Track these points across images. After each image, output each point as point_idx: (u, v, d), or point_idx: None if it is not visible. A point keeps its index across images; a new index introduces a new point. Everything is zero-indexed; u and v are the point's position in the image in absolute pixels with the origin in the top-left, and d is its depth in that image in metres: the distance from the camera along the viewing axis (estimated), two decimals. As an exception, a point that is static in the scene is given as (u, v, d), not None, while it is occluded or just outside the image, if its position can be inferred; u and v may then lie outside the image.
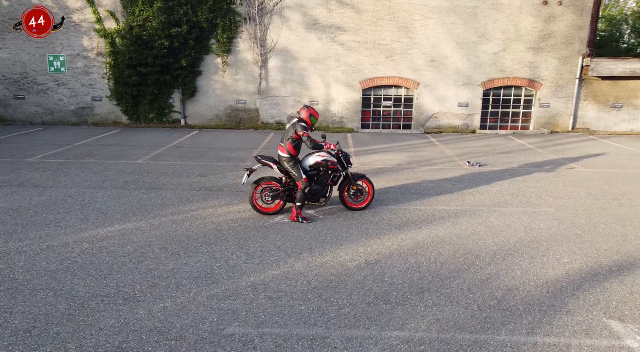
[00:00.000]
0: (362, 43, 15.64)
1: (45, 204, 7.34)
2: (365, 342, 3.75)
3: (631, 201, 7.70)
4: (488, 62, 15.67)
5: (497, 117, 16.36)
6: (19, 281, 4.80)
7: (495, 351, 3.60)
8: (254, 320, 4.11)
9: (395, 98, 16.32)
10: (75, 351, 3.67)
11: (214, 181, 8.97)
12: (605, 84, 15.76)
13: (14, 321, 4.07)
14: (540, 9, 15.22)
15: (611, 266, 5.19)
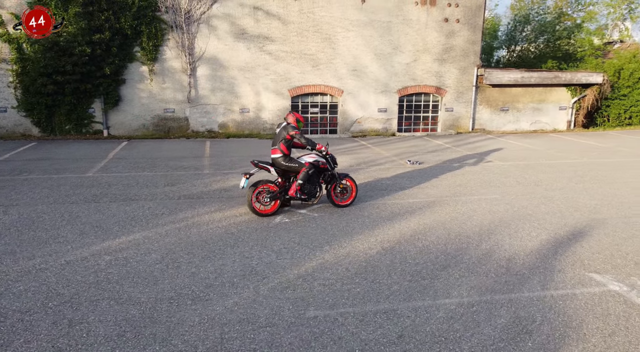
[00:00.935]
0: (289, 52, 16.38)
1: (23, 223, 6.89)
2: (429, 309, 4.53)
3: (550, 185, 9.53)
4: (402, 72, 17.43)
5: (410, 121, 18.23)
6: (68, 295, 4.72)
7: (527, 304, 4.62)
8: (324, 304, 4.65)
9: (322, 105, 17.33)
10: (187, 345, 3.90)
11: (186, 189, 9.03)
12: (495, 90, 18.49)
13: (98, 329, 4.12)
14: (442, 25, 17.38)
15: (567, 235, 6.63)
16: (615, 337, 3.98)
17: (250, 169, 7.87)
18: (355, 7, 16.46)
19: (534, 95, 18.88)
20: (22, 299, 4.65)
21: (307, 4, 16.12)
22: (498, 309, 4.47)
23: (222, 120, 16.49)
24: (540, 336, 4.01)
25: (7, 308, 4.47)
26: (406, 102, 17.96)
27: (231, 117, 16.53)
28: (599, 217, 7.33)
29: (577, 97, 19.15)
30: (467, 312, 4.42)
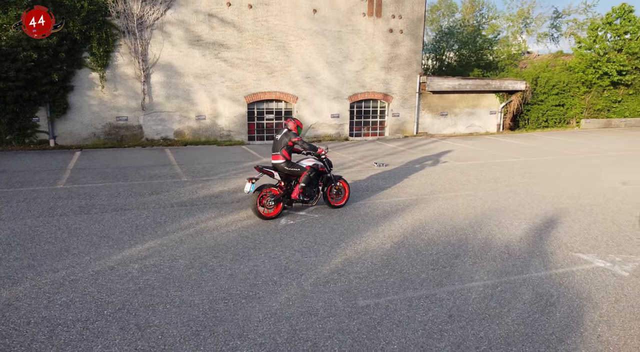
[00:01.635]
0: (245, 60, 16.54)
1: (22, 237, 6.58)
2: (463, 292, 5.13)
3: (508, 182, 10.66)
4: (352, 79, 18.25)
5: (360, 126, 19.10)
6: (119, 302, 4.73)
7: (539, 282, 5.37)
8: (369, 293, 5.08)
9: (277, 111, 17.64)
10: (265, 337, 4.14)
11: (174, 197, 8.99)
12: (436, 96, 19.93)
13: (170, 331, 4.23)
14: (388, 36, 18.47)
15: (542, 223, 7.60)
16: (620, 303, 4.83)
17: (251, 174, 8.09)
18: (308, 17, 17.00)
19: (468, 101, 20.60)
20: (72, 309, 4.60)
21: (261, 12, 16.40)
22: (518, 288, 5.18)
23: (177, 127, 16.22)
24: (562, 307, 4.75)
25: (63, 318, 4.43)
26: (356, 108, 18.80)
27: (187, 125, 16.32)
28: (560, 207, 8.45)
29: (504, 102, 21.18)
30: (495, 292, 5.08)
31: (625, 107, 23.94)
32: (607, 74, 22.42)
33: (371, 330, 4.31)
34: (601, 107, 23.64)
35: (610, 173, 11.59)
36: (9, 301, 4.77)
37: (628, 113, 24.00)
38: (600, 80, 22.73)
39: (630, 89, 23.73)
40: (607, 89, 23.32)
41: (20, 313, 4.52)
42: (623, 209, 8.31)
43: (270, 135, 17.69)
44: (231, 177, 10.91)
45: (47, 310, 4.59)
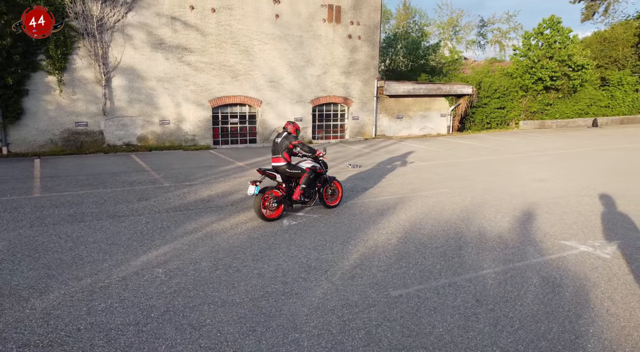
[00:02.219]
0: (209, 63, 16.44)
1: (24, 247, 6.33)
2: (479, 279, 5.65)
3: (476, 179, 11.49)
4: (314, 83, 18.65)
5: (322, 129, 19.54)
6: (161, 305, 4.77)
7: (540, 267, 6.00)
8: (396, 285, 5.47)
9: (241, 115, 17.66)
10: (320, 329, 4.38)
11: (165, 202, 8.91)
12: (392, 100, 20.81)
13: (226, 328, 4.36)
14: (347, 41, 19.06)
15: (522, 215, 8.36)
16: (613, 281, 5.56)
17: (258, 177, 8.21)
18: (270, 22, 17.20)
19: (421, 104, 21.69)
20: (116, 314, 4.60)
21: (225, 16, 16.39)
22: (525, 273, 5.79)
23: (141, 132, 15.80)
24: (568, 287, 5.40)
25: (112, 323, 4.44)
26: (318, 112, 19.22)
27: (151, 130, 15.94)
28: (531, 201, 9.32)
29: (453, 105, 22.50)
30: (506, 278, 5.65)
31: (556, 109, 26.23)
32: (541, 80, 24.48)
33: (412, 317, 4.69)
34: (536, 110, 25.73)
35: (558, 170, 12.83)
36: (46, 310, 4.67)
37: (558, 115, 26.30)
38: (535, 85, 24.76)
39: (559, 93, 26.05)
40: (540, 93, 25.44)
41: (66, 321, 4.47)
42: (583, 201, 9.31)
43: (234, 139, 17.67)
44: (213, 181, 10.91)
45: (91, 316, 4.56)
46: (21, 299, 4.90)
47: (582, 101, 26.95)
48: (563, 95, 26.16)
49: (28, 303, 4.82)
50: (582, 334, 4.36)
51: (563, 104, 26.32)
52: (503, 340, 4.25)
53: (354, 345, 4.15)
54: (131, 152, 15.16)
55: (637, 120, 29.09)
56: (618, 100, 28.56)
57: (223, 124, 17.38)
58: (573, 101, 26.62)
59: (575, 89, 25.84)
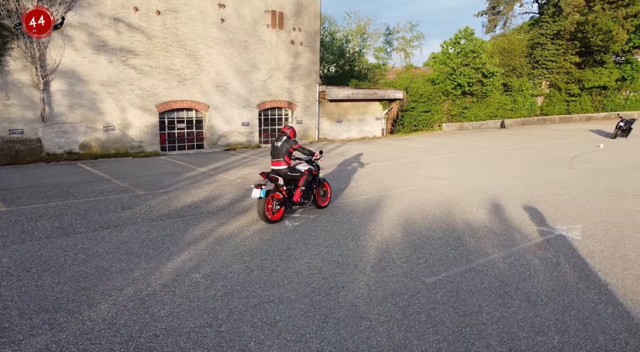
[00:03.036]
0: (155, 67, 15.90)
1: (37, 262, 5.93)
2: (490, 263, 6.38)
3: (434, 177, 12.49)
4: (260, 88, 18.77)
5: (268, 133, 19.70)
6: (221, 307, 4.85)
7: (534, 250, 6.87)
8: (426, 273, 6.00)
9: (188, 120, 17.26)
10: (385, 315, 4.78)
11: (151, 210, 8.66)
12: (333, 104, 21.55)
13: (298, 322, 4.60)
14: (290, 47, 19.45)
15: (492, 207, 9.35)
16: (596, 257, 6.58)
17: (262, 181, 8.29)
18: (216, 26, 17.06)
19: (359, 108, 22.70)
20: (183, 318, 4.64)
21: (170, 19, 15.97)
22: (525, 256, 6.65)
23: (83, 140, 14.84)
24: (564, 264, 6.33)
25: (185, 327, 4.48)
26: (264, 116, 19.35)
27: (95, 136, 15.03)
28: (493, 194, 10.43)
29: (387, 109, 23.83)
30: (512, 261, 6.45)
31: (472, 112, 28.82)
32: (460, 85, 26.78)
33: (457, 299, 5.25)
34: (455, 113, 28.08)
35: (494, 167, 14.36)
36: (107, 320, 4.55)
37: (473, 117, 28.92)
38: (454, 90, 27.02)
39: (474, 98, 28.67)
40: (459, 97, 27.81)
41: (135, 328, 4.41)
42: (534, 193, 10.61)
43: (182, 145, 17.22)
44: (187, 188, 10.72)
45: (159, 322, 4.54)
46: (73, 313, 4.70)
47: (492, 105, 29.91)
48: (477, 100, 28.83)
49: (82, 316, 4.64)
50: (597, 301, 5.23)
51: (477, 108, 29.00)
52: (541, 311, 4.96)
53: (423, 327, 4.61)
54: (75, 161, 14.20)
55: (534, 122, 32.87)
56: (519, 104, 32.09)
57: (170, 130, 16.87)
58: (485, 105, 29.44)
59: (486, 94, 28.61)
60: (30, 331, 4.34)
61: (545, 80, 35.84)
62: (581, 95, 36.62)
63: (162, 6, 15.69)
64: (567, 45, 34.91)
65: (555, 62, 35.17)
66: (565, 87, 36.09)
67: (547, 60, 35.18)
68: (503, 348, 4.20)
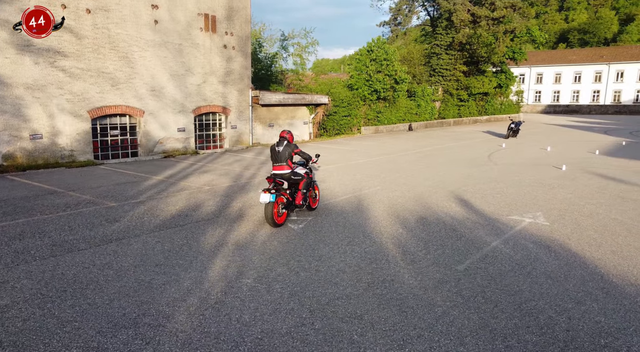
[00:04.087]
0: (86, 70, 14.73)
1: (59, 281, 5.43)
2: (497, 249, 7.20)
3: (388, 176, 13.31)
4: (195, 92, 18.24)
5: (203, 139, 19.19)
6: (300, 308, 4.98)
7: (521, 236, 7.88)
8: (451, 262, 6.62)
9: (122, 126, 16.20)
10: (449, 301, 5.30)
11: (141, 222, 8.22)
12: (264, 109, 21.63)
13: (379, 313, 4.94)
14: (223, 51, 19.19)
15: (460, 200, 10.34)
16: (571, 239, 7.75)
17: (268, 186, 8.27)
18: (149, 27, 16.28)
19: (288, 113, 23.05)
20: (271, 322, 4.71)
21: (101, 19, 14.91)
22: (519, 242, 7.61)
23: (7, 150, 13.22)
24: (555, 246, 7.38)
25: (278, 329, 4.57)
26: (198, 121, 18.82)
27: (20, 146, 13.46)
28: (450, 190, 11.53)
29: (313, 114, 24.51)
30: (512, 247, 7.36)
31: (385, 116, 30.75)
32: (376, 91, 28.46)
33: (496, 282, 5.93)
34: (372, 117, 29.74)
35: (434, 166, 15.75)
36: (197, 329, 4.47)
37: (386, 121, 30.89)
38: (370, 95, 28.64)
39: (387, 103, 30.64)
40: (375, 102, 29.52)
41: (234, 334, 4.40)
42: (485, 187, 11.94)
43: (115, 153, 16.10)
44: (159, 197, 10.25)
45: (251, 326, 4.57)
46: (156, 326, 4.51)
47: (401, 110, 32.21)
48: (389, 105, 30.85)
49: (168, 328, 4.48)
50: (603, 273, 6.29)
51: (389, 112, 31.02)
52: (567, 286, 5.84)
53: (489, 308, 5.18)
54: (3, 174, 12.60)
55: (434, 124, 36.02)
56: (422, 108, 34.94)
57: (103, 137, 15.69)
58: (395, 109, 31.59)
59: (396, 99, 30.75)
60: (127, 348, 4.11)
61: (441, 86, 39.47)
62: (469, 101, 40.92)
63: (92, 4, 14.58)
64: (458, 56, 38.84)
65: (449, 70, 38.94)
66: (456, 93, 40.06)
67: (443, 68, 38.79)
68: (562, 317, 4.95)
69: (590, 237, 7.75)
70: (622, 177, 13.42)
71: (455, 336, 4.50)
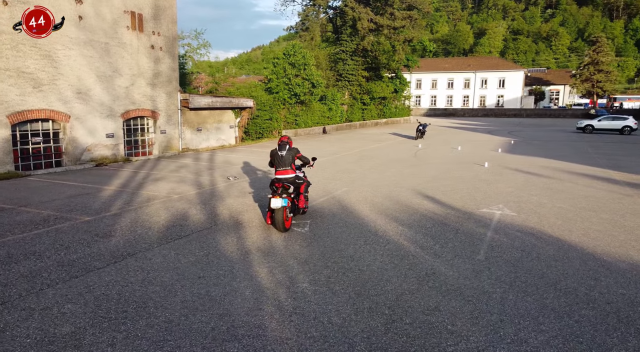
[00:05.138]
0: (4, 69, 12.98)
1: (115, 302, 4.94)
2: (497, 239, 7.96)
3: (343, 178, 13.73)
4: (123, 95, 16.96)
5: (132, 145, 17.88)
6: (379, 308, 5.19)
7: (506, 225, 8.81)
8: (468, 253, 7.17)
9: (45, 133, 14.50)
10: (496, 286, 5.88)
11: (138, 235, 7.62)
12: (192, 113, 20.78)
13: (456, 303, 5.34)
14: (150, 52, 18.10)
15: (428, 197, 11.10)
16: (543, 227, 8.85)
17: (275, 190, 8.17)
18: (74, 24, 14.80)
19: (215, 117, 22.40)
20: (366, 320, 4.84)
21: (20, 12, 13.22)
22: (508, 232, 8.48)
23: None
24: (537, 234, 8.37)
25: (374, 325, 4.72)
26: (126, 126, 17.51)
27: None
28: (412, 188, 12.32)
29: (239, 117, 24.10)
30: (507, 235, 8.19)
31: (302, 120, 31.31)
32: (296, 95, 28.85)
33: (519, 267, 6.62)
34: (290, 121, 30.07)
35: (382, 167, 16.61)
36: (305, 334, 4.44)
37: (303, 124, 31.47)
38: (290, 99, 28.96)
39: (304, 106, 31.22)
40: (293, 106, 29.88)
41: (355, 331, 4.46)
42: (435, 184, 12.95)
43: (38, 163, 14.36)
44: (130, 209, 9.50)
45: (357, 324, 4.66)
46: (257, 336, 4.38)
47: (316, 113, 33.03)
48: (306, 108, 31.45)
49: (270, 337, 4.37)
50: (593, 252, 7.35)
51: (305, 115, 31.63)
52: (576, 265, 6.76)
53: (532, 289, 5.80)
54: None
55: (344, 127, 37.56)
56: (334, 112, 36.19)
57: (23, 145, 13.90)
58: (311, 113, 32.31)
59: (310, 103, 31.49)
60: (252, 364, 3.96)
61: (348, 90, 41.20)
62: (370, 105, 43.35)
63: (9, -5, 12.89)
64: (361, 61, 40.89)
65: (354, 75, 40.82)
66: (359, 97, 42.18)
67: (349, 73, 40.53)
68: (595, 293, 5.75)
69: (557, 224, 8.94)
70: (536, 172, 15.42)
71: (530, 317, 5.02)
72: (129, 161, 16.88)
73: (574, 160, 18.72)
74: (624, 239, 7.93)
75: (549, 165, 17.21)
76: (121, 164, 16.26)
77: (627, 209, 10.16)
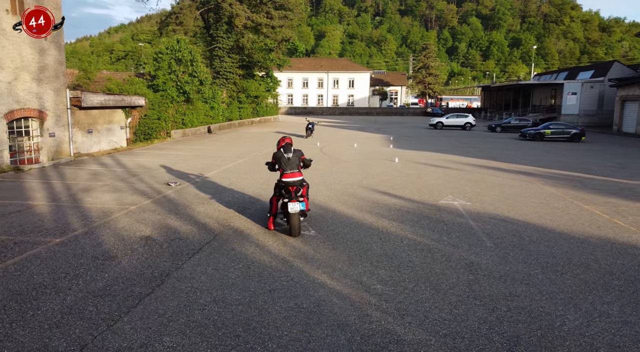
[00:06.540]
0: None
1: (182, 320, 4.37)
2: (479, 225, 8.85)
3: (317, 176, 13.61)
4: (6, 92, 14.21)
5: (15, 151, 15.04)
6: (445, 307, 5.51)
7: (477, 213, 9.75)
8: (472, 248, 7.82)
9: None
10: (531, 284, 6.61)
11: (137, 254, 6.69)
12: (82, 113, 18.25)
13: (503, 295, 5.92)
14: (35, 41, 15.43)
15: (389, 194, 11.65)
16: (499, 213, 10.06)
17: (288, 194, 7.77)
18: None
19: (105, 117, 19.98)
20: (456, 319, 5.12)
21: None
22: (483, 219, 9.41)
23: None
24: (499, 218, 9.49)
25: (464, 319, 5.06)
26: (9, 129, 14.66)
27: None
28: (362, 184, 12.75)
29: (129, 118, 21.87)
30: (486, 225, 9.10)
31: (188, 119, 29.68)
32: (184, 92, 27.19)
33: (527, 250, 7.48)
34: (178, 120, 28.26)
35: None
36: (415, 336, 4.55)
37: (190, 124, 29.88)
38: (178, 97, 27.20)
39: (190, 105, 29.61)
40: (181, 104, 28.13)
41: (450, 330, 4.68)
42: (377, 179, 13.65)
43: None
44: (97, 226, 8.17)
45: (451, 323, 4.89)
46: (397, 344, 4.35)
47: (201, 112, 31.62)
48: (193, 107, 29.87)
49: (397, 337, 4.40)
50: (565, 229, 8.61)
51: (191, 114, 30.05)
52: (564, 245, 7.86)
53: (560, 268, 6.62)
54: None
55: (225, 126, 36.73)
56: (216, 110, 35.09)
57: None
58: (196, 112, 30.81)
59: (193, 100, 30.05)
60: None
61: (226, 89, 40.16)
62: (246, 103, 43.11)
63: None
64: (237, 59, 40.23)
65: (232, 73, 39.96)
66: (236, 96, 41.58)
67: (227, 71, 39.53)
68: (604, 265, 6.82)
69: (511, 210, 10.21)
70: (442, 165, 17.13)
71: (585, 294, 5.78)
72: (21, 171, 14.21)
73: (458, 153, 21.26)
74: (574, 216, 9.47)
75: (445, 158, 19.28)
76: (12, 174, 13.61)
77: (542, 193, 12.02)
